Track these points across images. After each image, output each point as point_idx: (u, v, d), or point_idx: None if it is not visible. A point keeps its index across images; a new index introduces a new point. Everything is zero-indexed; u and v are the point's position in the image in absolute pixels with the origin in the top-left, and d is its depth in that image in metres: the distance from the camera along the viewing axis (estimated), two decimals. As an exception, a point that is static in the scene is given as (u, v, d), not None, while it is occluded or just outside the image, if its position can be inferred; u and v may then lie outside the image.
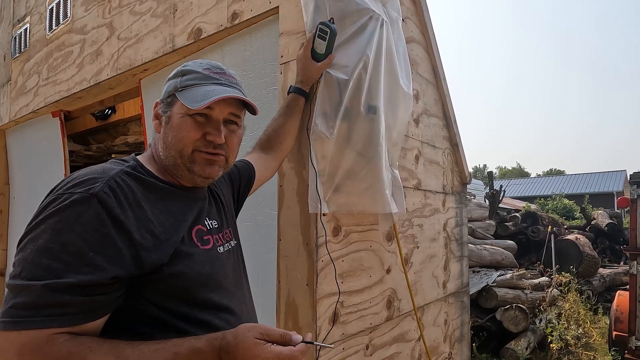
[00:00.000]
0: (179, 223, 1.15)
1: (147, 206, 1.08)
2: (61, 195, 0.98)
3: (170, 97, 1.22)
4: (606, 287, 8.89)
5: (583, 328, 6.39)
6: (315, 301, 1.83)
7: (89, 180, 1.01)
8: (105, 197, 0.99)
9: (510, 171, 73.70)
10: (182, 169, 1.20)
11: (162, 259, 1.04)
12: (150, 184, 1.14)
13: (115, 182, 1.03)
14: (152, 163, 1.24)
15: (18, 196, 4.49)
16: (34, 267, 0.91)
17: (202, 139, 1.19)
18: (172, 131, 1.19)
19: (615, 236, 12.07)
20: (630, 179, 5.33)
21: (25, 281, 0.90)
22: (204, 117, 1.19)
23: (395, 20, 2.18)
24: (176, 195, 1.20)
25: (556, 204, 22.19)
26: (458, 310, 3.35)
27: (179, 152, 1.18)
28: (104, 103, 3.90)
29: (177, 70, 1.26)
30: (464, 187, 3.57)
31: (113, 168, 1.09)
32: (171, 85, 1.23)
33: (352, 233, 2.09)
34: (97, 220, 0.96)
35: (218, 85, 1.21)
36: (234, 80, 1.27)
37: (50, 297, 0.89)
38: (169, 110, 1.22)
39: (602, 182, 33.70)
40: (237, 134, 1.29)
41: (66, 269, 0.91)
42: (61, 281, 0.90)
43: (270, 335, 0.99)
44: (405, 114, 2.26)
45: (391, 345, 2.37)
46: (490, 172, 14.45)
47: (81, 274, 0.91)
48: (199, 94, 1.17)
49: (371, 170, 1.98)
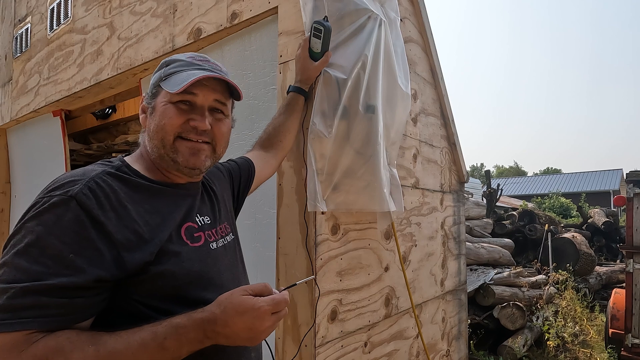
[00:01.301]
0: (166, 222, 1.12)
1: (130, 206, 1.05)
2: (41, 199, 0.97)
3: (155, 89, 1.20)
4: (603, 285, 8.93)
5: (580, 326, 6.41)
6: (314, 299, 1.84)
7: (69, 182, 1.00)
8: (84, 198, 0.97)
9: (508, 170, 73.71)
10: (167, 160, 1.17)
11: (146, 257, 1.02)
12: (135, 183, 1.11)
13: (96, 183, 1.01)
14: (140, 161, 1.21)
15: (19, 194, 4.50)
16: (14, 271, 0.89)
17: (185, 125, 1.16)
18: (155, 119, 1.17)
19: (612, 234, 12.11)
20: (626, 177, 5.35)
21: (4, 284, 0.88)
22: (187, 105, 1.16)
23: (393, 20, 2.19)
24: (163, 193, 1.17)
25: (553, 202, 22.24)
26: (456, 308, 3.37)
27: (161, 140, 1.15)
28: (105, 102, 3.91)
29: (162, 62, 1.24)
30: (461, 186, 3.58)
31: (95, 169, 1.07)
32: (156, 77, 1.21)
33: (350, 231, 2.10)
34: (76, 222, 0.94)
35: (200, 70, 1.18)
36: (217, 67, 1.24)
37: (28, 299, 0.87)
38: (153, 101, 1.19)
39: (599, 181, 33.76)
40: (224, 123, 1.25)
41: (46, 272, 0.89)
42: (39, 283, 0.88)
43: (254, 289, 0.99)
44: (404, 113, 2.27)
45: (389, 343, 2.38)
46: (487, 170, 14.44)
47: (61, 276, 0.90)
48: (180, 79, 1.14)
49: (369, 169, 1.99)
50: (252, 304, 0.95)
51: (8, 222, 4.60)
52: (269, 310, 0.97)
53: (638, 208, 5.07)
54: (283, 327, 1.93)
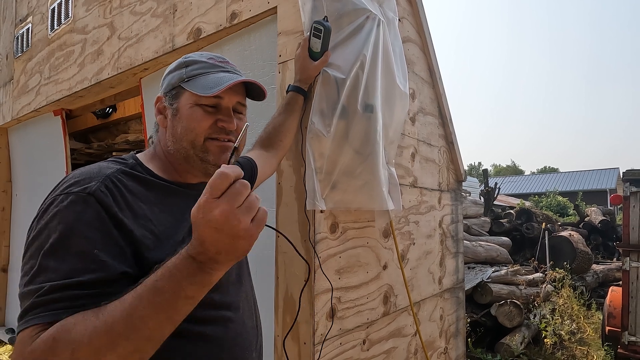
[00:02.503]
0: (179, 223, 1.12)
1: (145, 205, 1.06)
2: (58, 196, 0.97)
3: (175, 90, 1.20)
4: (599, 283, 8.96)
5: (577, 323, 6.45)
6: (313, 297, 1.85)
7: (85, 179, 0.99)
8: (102, 196, 0.97)
9: (505, 169, 73.85)
10: (195, 160, 1.18)
11: (162, 257, 1.00)
12: (149, 182, 1.12)
13: (112, 181, 1.01)
14: (154, 161, 1.22)
15: (20, 193, 4.52)
16: (43, 271, 0.90)
17: (214, 126, 1.18)
18: (182, 122, 1.17)
19: (609, 233, 12.16)
20: (623, 176, 5.38)
21: (37, 285, 0.89)
22: (213, 107, 1.18)
23: (391, 20, 2.20)
24: (177, 193, 1.18)
25: (550, 201, 22.32)
26: (453, 306, 3.38)
27: (190, 142, 1.16)
28: (105, 102, 3.92)
29: (179, 62, 1.24)
30: (459, 185, 3.59)
31: (110, 167, 1.07)
32: (175, 77, 1.21)
33: (349, 230, 2.11)
34: (97, 219, 0.94)
35: (226, 72, 1.20)
36: (236, 68, 1.26)
37: (59, 294, 0.87)
38: (175, 102, 1.19)
39: (596, 180, 33.86)
40: (244, 122, 1.26)
41: (74, 269, 0.90)
42: (70, 280, 0.88)
43: (213, 188, 0.80)
44: (402, 113, 2.28)
45: (388, 340, 2.39)
46: (485, 169, 14.47)
47: (89, 272, 0.90)
48: (209, 81, 1.16)
49: (368, 168, 2.00)
50: (210, 210, 0.79)
51: (9, 221, 4.61)
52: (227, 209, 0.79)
53: (634, 207, 5.10)
54: (282, 325, 1.95)
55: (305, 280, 1.87)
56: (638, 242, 5.05)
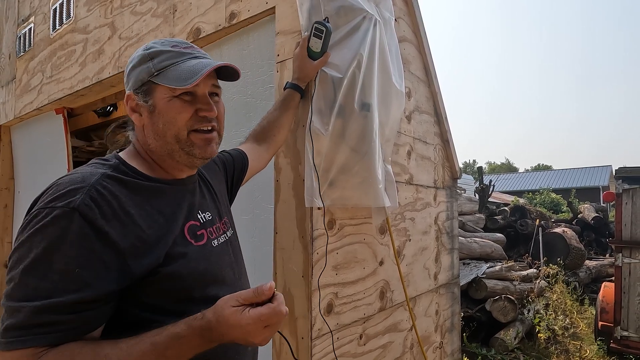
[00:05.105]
0: (169, 223, 1.11)
1: (133, 210, 1.04)
2: (42, 209, 0.95)
3: (145, 85, 1.15)
4: (592, 279, 9.05)
5: (570, 318, 6.51)
6: (311, 292, 1.85)
7: (69, 192, 0.97)
8: (87, 209, 0.95)
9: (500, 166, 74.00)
10: (181, 154, 1.16)
11: (153, 262, 1.02)
12: (135, 184, 1.09)
13: (97, 191, 0.99)
14: (137, 159, 1.19)
15: (22, 190, 4.52)
16: (23, 288, 0.90)
17: (195, 117, 1.15)
18: (162, 117, 1.14)
19: (601, 229, 12.26)
20: (615, 174, 5.45)
21: (16, 302, 0.89)
22: (190, 95, 1.14)
23: (388, 20, 2.21)
24: (164, 192, 1.16)
25: (544, 198, 22.41)
26: (449, 301, 3.39)
27: (174, 136, 1.14)
28: (106, 100, 3.92)
29: (142, 54, 1.17)
30: (454, 182, 3.60)
31: (94, 173, 1.04)
32: (142, 72, 1.15)
33: (346, 226, 2.11)
34: (80, 235, 0.93)
35: (195, 58, 1.16)
36: (203, 52, 1.22)
37: (39, 318, 0.88)
38: (149, 99, 1.14)
39: (589, 177, 34.02)
40: (221, 105, 1.24)
41: (54, 288, 0.90)
42: (49, 302, 0.89)
43: (246, 298, 0.94)
44: (398, 111, 2.29)
45: (384, 335, 2.40)
46: (480, 167, 14.55)
47: (69, 293, 0.90)
48: (182, 72, 1.11)
49: (364, 166, 2.01)
50: (239, 321, 0.92)
51: (12, 218, 4.61)
52: (256, 328, 0.93)
53: (627, 204, 5.16)
54: (280, 320, 1.97)
55: (302, 276, 1.89)
56: (630, 239, 5.12)
